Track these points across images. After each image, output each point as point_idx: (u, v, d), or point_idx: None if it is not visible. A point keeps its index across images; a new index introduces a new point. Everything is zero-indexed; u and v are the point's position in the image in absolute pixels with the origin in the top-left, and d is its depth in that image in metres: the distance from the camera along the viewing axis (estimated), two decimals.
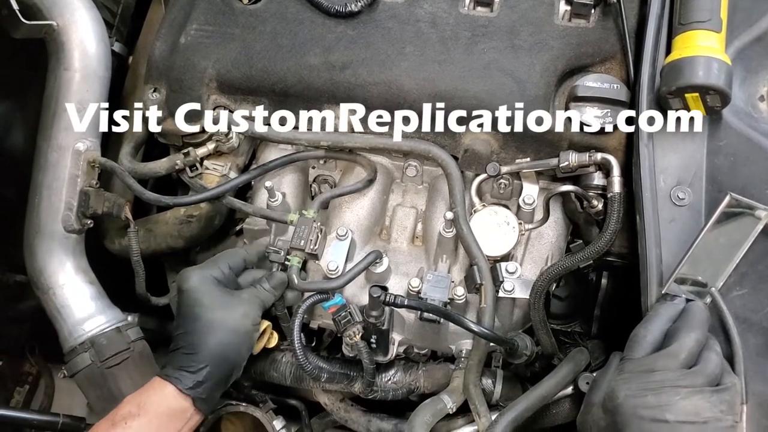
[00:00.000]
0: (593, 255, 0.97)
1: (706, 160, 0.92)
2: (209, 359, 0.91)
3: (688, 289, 0.86)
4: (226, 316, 0.93)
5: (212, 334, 0.92)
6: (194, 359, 0.90)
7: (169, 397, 0.89)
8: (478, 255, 1.01)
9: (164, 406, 0.88)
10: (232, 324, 0.93)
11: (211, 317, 0.92)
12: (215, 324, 0.92)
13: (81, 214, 1.11)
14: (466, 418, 1.03)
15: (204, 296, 0.94)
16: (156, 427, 0.88)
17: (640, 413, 0.74)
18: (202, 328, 0.92)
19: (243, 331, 0.94)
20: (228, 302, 0.95)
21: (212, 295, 0.94)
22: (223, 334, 0.92)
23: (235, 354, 0.94)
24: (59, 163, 1.10)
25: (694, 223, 0.90)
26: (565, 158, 1.00)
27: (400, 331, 1.10)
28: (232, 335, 0.93)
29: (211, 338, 0.92)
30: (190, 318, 0.93)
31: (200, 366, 0.90)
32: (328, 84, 1.05)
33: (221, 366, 0.92)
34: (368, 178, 1.10)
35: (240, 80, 1.07)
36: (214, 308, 0.93)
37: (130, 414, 0.87)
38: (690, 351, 0.77)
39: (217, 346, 0.92)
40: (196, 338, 0.92)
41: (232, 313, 0.94)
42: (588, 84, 1.00)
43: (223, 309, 0.94)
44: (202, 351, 0.91)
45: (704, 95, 0.88)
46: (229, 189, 1.09)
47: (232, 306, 0.95)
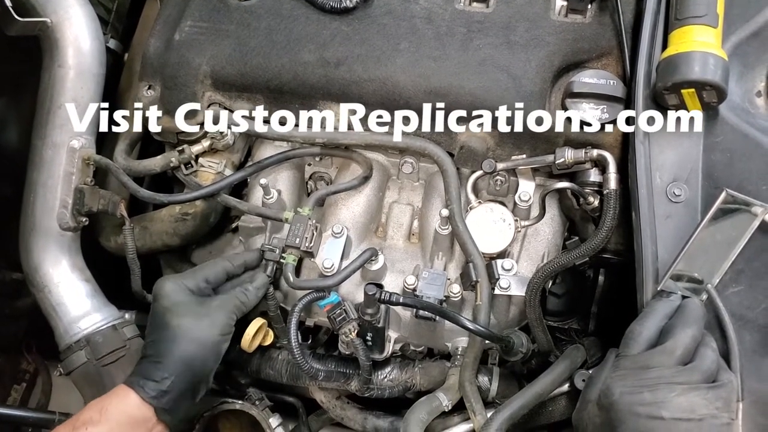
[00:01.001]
0: (589, 252, 0.97)
1: (702, 157, 0.91)
2: (173, 369, 0.89)
3: (684, 285, 0.86)
4: (192, 325, 0.92)
5: (177, 343, 0.90)
6: (158, 368, 0.89)
7: (131, 405, 0.87)
8: (473, 252, 1.01)
9: (126, 414, 0.87)
10: (197, 334, 0.92)
11: (177, 325, 0.91)
12: (181, 333, 0.91)
13: (76, 211, 1.11)
14: (461, 416, 1.03)
15: (174, 304, 0.93)
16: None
17: (636, 410, 0.74)
18: (168, 336, 0.91)
19: (209, 342, 0.93)
20: (197, 311, 0.94)
21: (182, 304, 0.94)
22: (187, 344, 0.91)
23: (200, 365, 0.92)
24: (54, 160, 1.10)
25: (690, 219, 0.89)
26: (561, 155, 1.00)
27: (396, 329, 1.09)
28: (197, 346, 0.91)
29: (176, 347, 0.90)
30: (159, 326, 0.92)
31: (164, 376, 0.89)
32: (323, 81, 1.04)
33: (185, 377, 0.90)
34: (364, 175, 1.10)
35: (234, 77, 1.07)
36: (181, 316, 0.92)
37: (91, 420, 0.85)
38: (686, 347, 0.77)
39: (182, 356, 0.90)
40: (162, 347, 0.91)
41: (200, 323, 0.92)
42: (584, 80, 1.00)
43: (191, 318, 0.92)
44: (167, 360, 0.89)
45: (700, 91, 0.88)
46: (224, 186, 1.09)
47: (201, 315, 0.93)
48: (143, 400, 0.87)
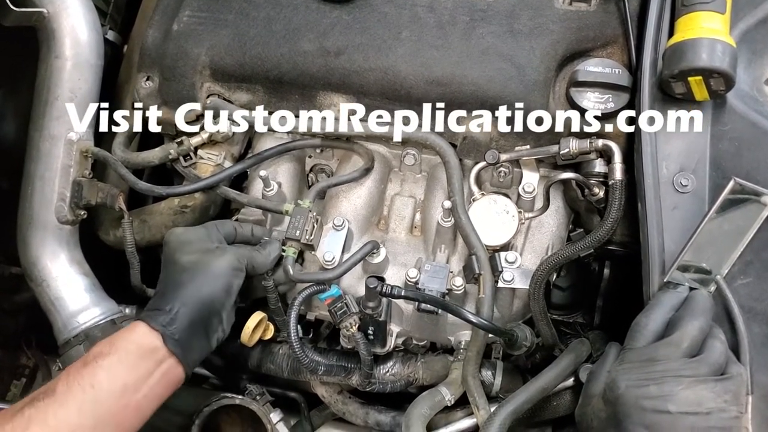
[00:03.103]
0: (594, 244, 0.95)
1: (709, 146, 0.90)
2: (181, 299, 0.88)
3: (692, 277, 0.84)
4: (203, 258, 0.91)
5: (186, 273, 0.90)
6: (165, 299, 0.88)
7: (139, 334, 0.86)
8: (476, 244, 0.99)
9: (134, 343, 0.85)
10: (205, 267, 0.91)
11: (187, 259, 0.91)
12: (191, 265, 0.91)
13: (74, 204, 1.10)
14: (465, 411, 1.02)
15: (183, 243, 0.93)
16: (126, 365, 0.84)
17: (642, 404, 0.73)
18: (176, 270, 0.91)
19: (219, 273, 0.91)
20: (206, 248, 0.93)
21: (194, 243, 0.94)
22: (194, 274, 0.90)
23: (209, 296, 0.90)
24: (51, 153, 1.09)
25: (698, 210, 0.87)
26: (565, 145, 0.98)
27: (398, 323, 1.08)
28: (206, 277, 0.90)
29: (185, 277, 0.90)
30: (169, 263, 0.92)
31: (171, 304, 0.88)
32: (323, 70, 1.03)
33: (194, 307, 0.89)
34: (365, 167, 1.08)
35: (233, 67, 1.05)
36: (192, 252, 0.92)
37: (101, 353, 0.84)
38: (693, 339, 0.75)
39: (191, 285, 0.89)
40: (170, 281, 0.90)
41: (210, 257, 0.92)
42: (589, 69, 0.98)
43: (200, 253, 0.92)
44: (175, 290, 0.89)
45: (708, 78, 0.86)
46: (223, 178, 1.07)
47: (212, 252, 0.93)
48: (151, 327, 0.86)
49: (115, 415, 0.82)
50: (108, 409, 0.82)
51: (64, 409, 0.79)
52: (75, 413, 0.79)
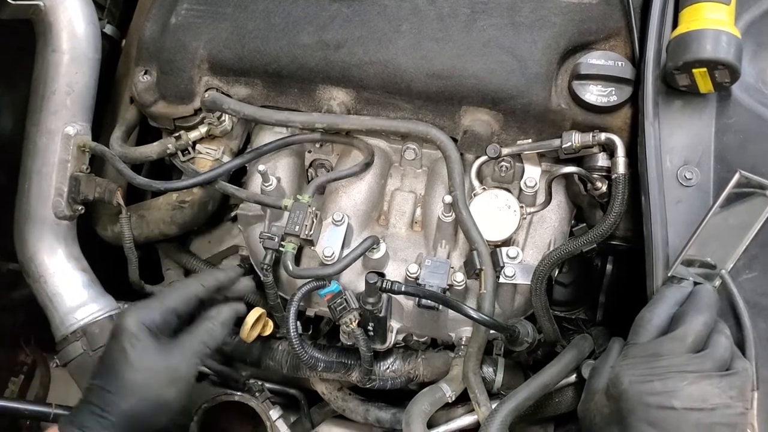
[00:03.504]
0: (597, 238, 0.94)
1: (714, 139, 0.88)
2: (119, 426, 0.78)
3: (696, 271, 0.83)
4: (146, 381, 0.80)
5: (127, 398, 0.79)
6: (103, 425, 0.78)
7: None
8: (477, 240, 0.98)
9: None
10: (151, 392, 0.80)
11: (132, 378, 0.79)
12: (133, 389, 0.79)
13: (72, 200, 1.09)
14: (466, 407, 1.01)
15: (132, 349, 0.80)
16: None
17: (646, 400, 0.71)
18: (119, 388, 0.79)
19: (162, 401, 0.81)
20: (154, 364, 0.81)
21: (141, 350, 0.81)
22: (138, 401, 0.79)
23: (149, 422, 0.81)
24: (48, 147, 1.08)
25: (702, 204, 0.86)
26: (567, 139, 0.97)
27: (398, 319, 1.07)
28: (148, 405, 0.80)
29: (124, 403, 0.79)
30: (111, 373, 0.81)
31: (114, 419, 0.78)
32: (323, 64, 1.02)
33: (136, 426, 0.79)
34: (365, 162, 1.07)
35: (232, 61, 1.04)
36: (136, 369, 0.80)
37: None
38: (698, 334, 0.74)
39: (131, 413, 0.79)
40: (110, 398, 0.79)
41: (155, 379, 0.81)
42: (591, 61, 0.97)
43: (146, 372, 0.80)
44: (113, 416, 0.78)
45: (713, 70, 0.85)
46: (221, 173, 1.06)
47: (158, 370, 0.81)
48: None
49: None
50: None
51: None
52: None
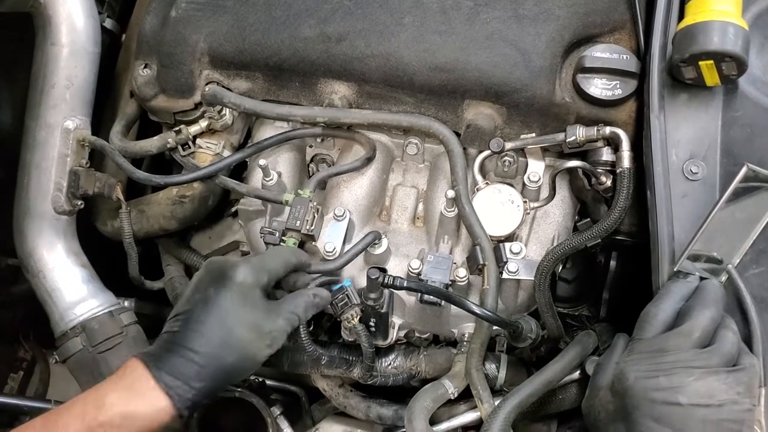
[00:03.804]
0: (602, 233, 0.93)
1: (720, 132, 0.88)
2: (214, 377, 0.77)
3: (702, 266, 0.82)
4: (254, 340, 0.80)
5: (229, 351, 0.78)
6: (199, 374, 0.76)
7: (162, 414, 0.75)
8: (480, 235, 0.97)
9: (153, 422, 0.75)
10: (254, 350, 0.80)
11: (240, 336, 0.79)
12: (240, 345, 0.79)
13: (71, 194, 1.08)
14: (468, 404, 1.00)
15: (243, 303, 0.80)
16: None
17: (652, 395, 0.70)
18: (226, 341, 0.78)
19: (258, 361, 0.81)
20: (263, 324, 0.81)
21: (251, 309, 0.80)
22: (239, 358, 0.79)
23: (238, 376, 0.81)
24: (48, 141, 1.07)
25: (708, 198, 0.85)
26: (572, 133, 0.96)
27: (400, 315, 1.06)
28: (248, 362, 0.80)
29: (226, 354, 0.78)
30: (216, 322, 0.78)
31: (202, 385, 0.76)
32: (324, 57, 1.00)
33: (221, 385, 0.79)
34: (367, 156, 1.06)
35: (233, 54, 1.03)
36: (247, 326, 0.79)
37: (110, 424, 0.74)
38: (704, 330, 0.73)
39: (229, 366, 0.78)
40: (213, 350, 0.77)
41: (259, 341, 0.80)
42: (596, 54, 0.96)
43: (255, 333, 0.80)
44: (212, 366, 0.77)
45: (719, 63, 0.84)
46: (222, 168, 1.05)
47: (263, 332, 0.81)
48: (176, 410, 0.75)
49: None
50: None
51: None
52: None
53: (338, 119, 1.02)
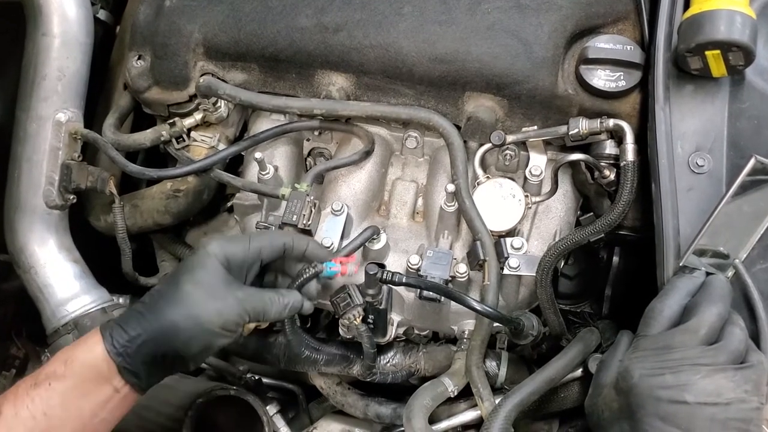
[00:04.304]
0: (605, 228, 0.91)
1: (727, 124, 0.86)
2: (151, 331, 0.76)
3: (708, 261, 0.80)
4: (200, 300, 0.78)
5: (173, 306, 0.78)
6: (138, 321, 0.77)
7: (98, 357, 0.75)
8: (481, 230, 0.95)
9: (91, 367, 0.75)
10: (198, 311, 0.78)
11: (185, 291, 0.78)
12: (183, 299, 0.78)
13: (63, 188, 1.06)
14: (468, 403, 0.98)
15: (200, 269, 0.80)
16: (83, 391, 0.74)
17: (657, 394, 0.68)
18: (170, 294, 0.79)
19: (204, 327, 0.78)
20: (215, 290, 0.80)
21: (208, 273, 0.80)
22: (182, 314, 0.78)
23: (182, 343, 0.78)
24: (39, 134, 1.04)
25: (714, 191, 0.83)
26: (574, 125, 0.94)
27: (399, 312, 1.04)
28: (189, 322, 0.78)
29: (168, 310, 0.78)
30: (171, 280, 0.81)
31: (139, 332, 0.76)
32: (321, 47, 0.98)
33: (160, 345, 0.77)
34: (365, 150, 1.04)
35: (228, 45, 1.01)
36: (197, 285, 0.79)
37: (54, 373, 0.74)
38: (711, 326, 0.71)
39: (169, 321, 0.77)
40: (156, 302, 0.79)
41: (208, 303, 0.79)
42: (599, 45, 0.94)
43: (205, 293, 0.79)
44: (151, 318, 0.77)
45: (726, 52, 0.82)
46: (217, 161, 1.03)
47: (216, 297, 0.79)
48: (108, 353, 0.75)
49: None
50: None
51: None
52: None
53: (336, 111, 1.00)
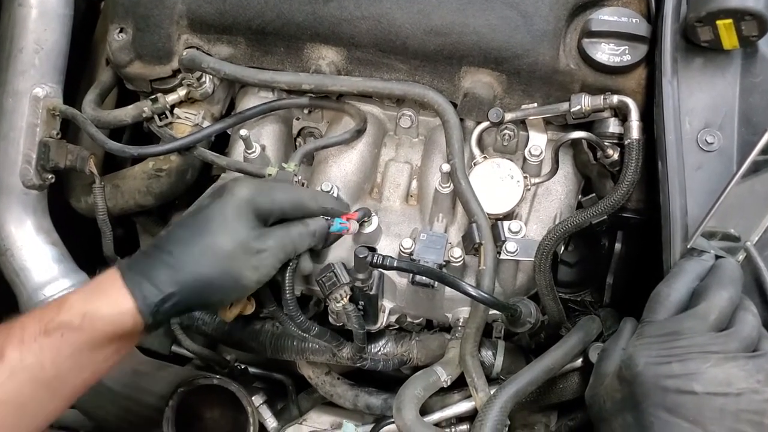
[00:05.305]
0: (608, 209, 0.87)
1: (738, 99, 0.81)
2: (186, 287, 0.71)
3: (718, 244, 0.75)
4: (237, 255, 0.73)
5: (207, 261, 0.72)
6: (171, 276, 0.71)
7: (124, 314, 0.69)
8: (477, 212, 0.90)
9: (114, 323, 0.69)
10: (236, 268, 0.74)
11: (220, 244, 0.73)
12: (218, 255, 0.73)
13: (41, 167, 1.02)
14: (462, 393, 0.93)
15: (234, 220, 0.74)
16: (97, 345, 0.69)
17: (663, 383, 0.64)
18: (204, 248, 0.72)
19: (240, 282, 0.75)
20: (250, 245, 0.74)
21: (242, 225, 0.74)
22: (217, 270, 0.73)
23: (216, 299, 0.75)
24: (16, 110, 1.00)
25: (725, 170, 0.78)
26: (576, 102, 0.89)
27: (391, 298, 0.99)
28: (226, 278, 0.73)
29: (203, 264, 0.72)
30: (201, 227, 0.73)
31: (173, 290, 0.71)
32: (311, 19, 0.93)
33: (192, 299, 0.73)
34: (357, 129, 0.99)
35: (213, 16, 0.96)
36: (232, 240, 0.73)
37: (70, 324, 0.68)
38: (722, 311, 0.66)
39: (205, 278, 0.72)
40: (190, 255, 0.72)
41: (246, 259, 0.74)
42: (603, 18, 0.89)
43: (241, 249, 0.74)
44: (185, 271, 0.71)
45: (739, 22, 0.77)
46: (200, 139, 0.98)
47: (251, 251, 0.74)
48: (140, 313, 0.70)
49: (71, 394, 0.73)
50: (64, 389, 0.72)
51: (12, 382, 0.68)
52: (27, 389, 0.69)
53: (326, 86, 0.95)
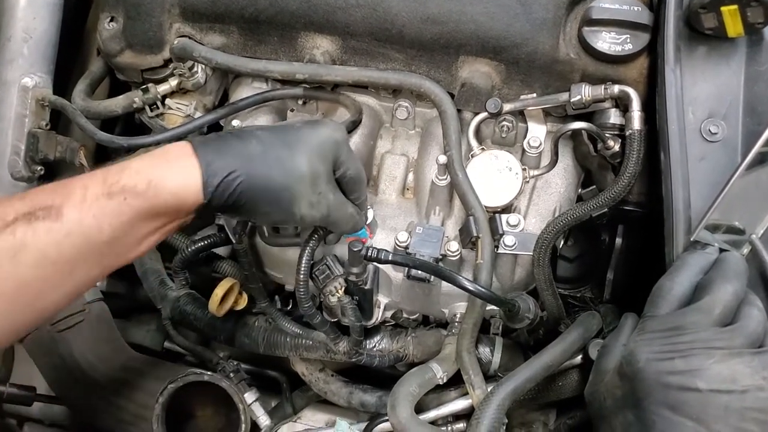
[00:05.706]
0: (609, 202, 0.85)
1: (743, 89, 0.79)
2: (250, 179, 0.70)
3: (722, 237, 0.73)
4: (305, 185, 0.73)
5: (280, 173, 0.71)
6: (244, 166, 0.69)
7: (189, 188, 0.67)
8: (474, 204, 0.88)
9: (176, 196, 0.67)
10: (299, 195, 0.73)
11: (299, 164, 0.72)
12: (294, 175, 0.72)
13: (30, 159, 1.00)
14: (459, 390, 0.91)
15: (319, 152, 0.74)
16: (153, 215, 0.67)
17: (666, 380, 0.62)
18: (283, 158, 0.72)
19: (290, 210, 0.73)
20: (319, 182, 0.75)
21: (324, 161, 0.75)
22: (285, 186, 0.72)
23: (262, 211, 0.73)
24: (4, 100, 0.99)
25: (729, 161, 0.77)
26: (576, 92, 0.87)
27: (386, 293, 0.97)
28: (286, 195, 0.72)
29: (275, 173, 0.71)
30: (288, 140, 0.73)
31: (238, 174, 0.69)
32: (305, 7, 0.91)
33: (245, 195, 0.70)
34: (352, 120, 0.97)
35: (205, 4, 0.94)
36: (310, 168, 0.73)
37: (135, 189, 0.65)
38: (726, 306, 0.64)
39: (269, 185, 0.71)
40: (265, 157, 0.71)
41: (309, 192, 0.73)
42: (604, 5, 0.87)
43: (310, 181, 0.73)
44: (257, 168, 0.70)
45: (744, 8, 0.75)
46: (191, 129, 0.96)
47: (316, 190, 0.74)
48: (203, 187, 0.67)
49: (114, 264, 0.69)
50: (110, 257, 0.67)
51: (70, 242, 0.63)
52: (81, 251, 0.64)
53: (320, 76, 0.93)
